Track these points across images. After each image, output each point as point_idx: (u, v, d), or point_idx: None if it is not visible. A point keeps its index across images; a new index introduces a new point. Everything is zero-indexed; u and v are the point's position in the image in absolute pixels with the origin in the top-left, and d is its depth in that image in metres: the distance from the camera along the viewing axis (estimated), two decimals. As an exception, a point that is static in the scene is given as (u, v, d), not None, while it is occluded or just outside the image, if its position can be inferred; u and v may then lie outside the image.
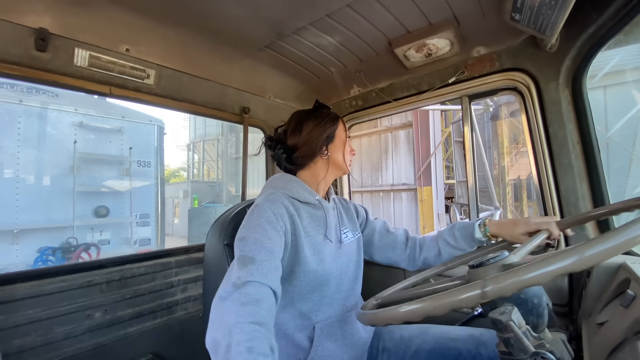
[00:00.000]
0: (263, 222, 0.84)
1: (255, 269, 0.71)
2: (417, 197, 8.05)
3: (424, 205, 7.85)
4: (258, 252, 0.76)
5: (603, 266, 0.86)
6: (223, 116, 1.65)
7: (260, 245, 0.78)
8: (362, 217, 1.20)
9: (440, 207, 7.95)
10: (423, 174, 7.94)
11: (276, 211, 0.88)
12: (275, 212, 0.87)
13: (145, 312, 1.40)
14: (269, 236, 0.80)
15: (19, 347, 1.08)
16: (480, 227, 1.00)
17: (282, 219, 0.87)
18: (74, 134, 4.91)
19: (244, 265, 0.72)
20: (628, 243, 0.42)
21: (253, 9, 1.09)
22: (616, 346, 0.58)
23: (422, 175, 7.94)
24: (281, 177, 1.04)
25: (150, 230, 5.79)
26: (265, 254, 0.76)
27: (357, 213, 1.19)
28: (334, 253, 0.98)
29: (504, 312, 0.57)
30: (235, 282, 0.68)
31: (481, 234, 0.99)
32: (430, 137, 7.92)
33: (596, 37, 1.03)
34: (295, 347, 0.91)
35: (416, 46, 1.28)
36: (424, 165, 7.90)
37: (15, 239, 4.37)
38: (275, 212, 0.87)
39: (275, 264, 0.76)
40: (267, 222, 0.84)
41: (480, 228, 1.00)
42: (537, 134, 1.17)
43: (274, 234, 0.82)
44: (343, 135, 1.09)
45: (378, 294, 0.87)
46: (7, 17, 0.99)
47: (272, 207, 0.88)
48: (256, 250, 0.77)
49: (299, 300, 0.92)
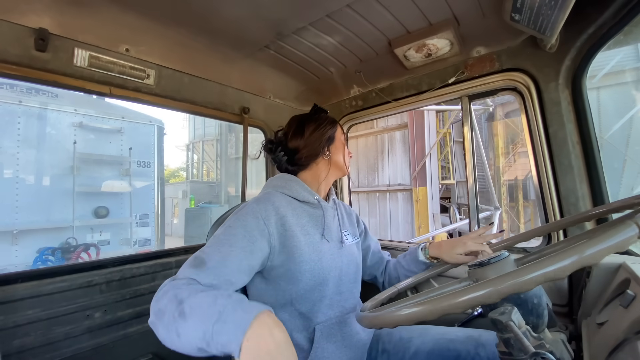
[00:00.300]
0: (237, 226, 0.83)
1: (202, 273, 0.71)
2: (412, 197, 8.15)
3: (419, 206, 7.96)
4: (211, 258, 0.75)
5: (603, 266, 0.86)
6: (223, 116, 1.65)
7: (217, 250, 0.76)
8: (362, 230, 1.23)
9: (435, 208, 8.05)
10: (418, 174, 8.04)
11: (259, 214, 0.87)
12: (257, 215, 0.86)
13: (145, 313, 1.40)
14: (231, 243, 0.79)
15: (19, 347, 1.08)
16: (422, 251, 1.11)
17: (265, 222, 0.86)
18: (73, 135, 4.91)
19: (193, 266, 0.73)
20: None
21: (253, 9, 1.09)
22: (616, 346, 0.58)
23: (418, 176, 8.05)
24: (281, 177, 1.05)
25: (150, 231, 5.79)
26: (218, 261, 0.74)
27: (358, 223, 1.23)
28: (334, 252, 0.98)
29: (504, 313, 0.57)
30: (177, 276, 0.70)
31: (423, 257, 1.10)
32: (425, 137, 8.04)
33: (596, 37, 1.03)
34: (295, 349, 0.91)
35: (416, 46, 1.28)
36: (419, 166, 8.00)
37: (15, 240, 4.37)
38: (257, 216, 0.86)
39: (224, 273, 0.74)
40: (242, 226, 0.83)
41: (422, 251, 1.11)
42: (537, 135, 1.17)
43: (241, 241, 0.80)
44: (342, 137, 1.13)
45: (377, 295, 0.87)
46: (7, 17, 0.99)
47: (256, 210, 0.88)
48: (212, 254, 0.76)
49: (298, 300, 0.92)
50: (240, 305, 0.57)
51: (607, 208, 0.82)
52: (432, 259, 1.10)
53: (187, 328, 0.57)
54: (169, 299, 0.62)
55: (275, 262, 0.89)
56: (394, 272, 1.18)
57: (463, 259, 1.03)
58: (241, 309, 0.56)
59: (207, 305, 0.58)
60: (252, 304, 0.59)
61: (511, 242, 1.01)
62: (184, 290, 0.63)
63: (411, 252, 1.15)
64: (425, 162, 7.92)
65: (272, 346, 0.52)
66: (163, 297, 0.64)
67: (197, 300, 0.60)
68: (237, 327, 0.53)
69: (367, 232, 1.25)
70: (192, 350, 0.58)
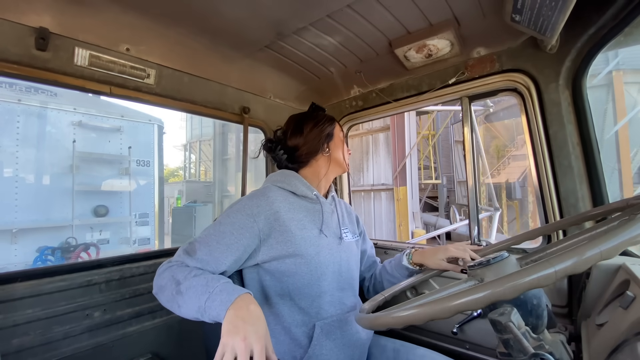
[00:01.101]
0: (226, 223, 0.89)
1: (192, 261, 0.84)
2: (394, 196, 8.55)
3: (399, 205, 8.38)
4: (200, 249, 0.86)
5: (602, 267, 0.86)
6: (223, 116, 1.65)
7: (206, 244, 0.87)
8: (361, 230, 1.24)
9: (415, 206, 8.54)
10: (399, 174, 8.44)
11: (249, 211, 0.91)
12: (246, 212, 0.91)
13: (145, 312, 1.40)
14: (218, 240, 0.87)
15: (18, 347, 1.08)
16: (406, 256, 1.13)
17: (255, 218, 0.90)
18: (73, 133, 4.89)
19: (186, 253, 0.87)
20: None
21: (253, 9, 1.09)
22: (616, 347, 0.58)
23: (399, 176, 8.45)
24: (281, 173, 1.07)
25: (149, 230, 5.77)
26: (205, 253, 0.85)
27: (358, 223, 1.24)
28: (332, 248, 0.99)
29: (504, 313, 0.57)
30: (172, 259, 0.86)
31: (407, 262, 1.12)
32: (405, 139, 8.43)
33: (596, 38, 1.03)
34: (294, 344, 0.92)
35: (416, 47, 1.28)
36: (400, 167, 8.37)
37: (15, 239, 4.36)
38: (247, 213, 0.91)
39: (209, 263, 0.85)
40: (230, 223, 0.89)
41: (406, 257, 1.13)
42: (537, 135, 1.17)
43: (228, 238, 0.88)
44: (341, 134, 1.14)
45: (376, 295, 0.87)
46: (7, 17, 0.99)
47: (247, 206, 0.92)
48: (202, 246, 0.86)
49: (297, 294, 0.93)
50: (226, 287, 0.73)
51: (607, 208, 0.82)
52: (415, 264, 1.11)
53: (185, 303, 0.75)
54: (167, 279, 0.80)
55: (269, 255, 0.92)
56: (379, 277, 1.21)
57: (446, 265, 1.05)
58: (226, 291, 0.72)
59: (199, 286, 0.75)
60: (236, 287, 0.74)
61: (511, 242, 1.01)
62: (180, 273, 0.80)
63: (396, 258, 1.17)
64: (406, 162, 8.26)
65: (247, 315, 0.68)
66: (163, 275, 0.83)
67: (192, 282, 0.76)
68: (222, 304, 0.69)
69: (365, 235, 1.26)
70: (190, 317, 0.76)
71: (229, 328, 0.65)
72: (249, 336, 0.64)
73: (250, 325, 0.65)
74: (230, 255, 0.87)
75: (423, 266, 1.10)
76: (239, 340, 0.63)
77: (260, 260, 0.93)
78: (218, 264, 0.85)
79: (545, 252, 0.85)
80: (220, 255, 0.86)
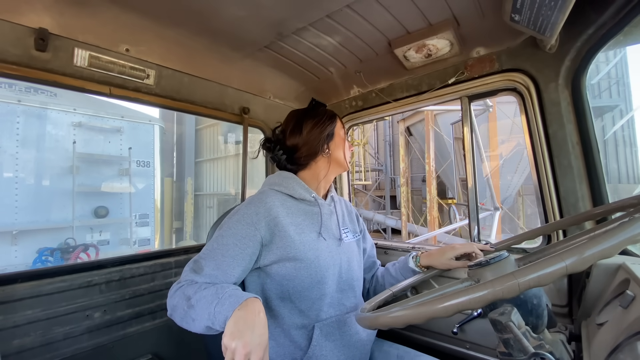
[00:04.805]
0: (228, 236, 0.89)
1: (200, 278, 0.84)
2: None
3: None
4: (207, 265, 0.86)
5: (602, 267, 0.86)
6: (223, 116, 1.65)
7: (212, 259, 0.87)
8: (362, 228, 1.23)
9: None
10: None
11: (249, 220, 0.90)
12: (247, 221, 0.90)
13: (145, 313, 1.40)
14: (223, 253, 0.87)
15: (19, 348, 1.08)
16: (413, 259, 1.12)
17: (256, 226, 0.90)
18: (73, 134, 4.88)
19: (193, 271, 0.86)
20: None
21: (253, 9, 1.09)
22: (616, 347, 0.58)
23: None
24: (279, 175, 1.05)
25: (149, 230, 5.77)
26: (213, 268, 0.85)
27: (358, 221, 1.22)
28: (332, 250, 0.98)
29: (504, 313, 0.57)
30: (180, 280, 0.86)
31: (414, 265, 1.11)
32: None
33: (596, 38, 1.03)
34: (293, 346, 0.92)
35: (416, 47, 1.28)
36: None
37: (15, 240, 4.35)
38: (247, 222, 0.90)
39: (218, 277, 0.85)
40: (232, 235, 0.89)
41: (413, 260, 1.12)
42: (537, 135, 1.17)
43: (232, 250, 0.87)
44: (342, 132, 1.11)
45: (376, 295, 0.87)
46: (7, 17, 0.99)
47: (246, 215, 0.91)
48: (208, 262, 0.86)
49: (297, 297, 0.92)
50: (235, 292, 0.75)
51: (607, 208, 0.82)
52: (423, 267, 1.10)
53: (197, 315, 0.75)
54: (179, 297, 0.81)
55: (269, 258, 0.91)
56: (381, 280, 1.19)
57: (456, 264, 1.04)
58: (235, 295, 0.73)
59: (209, 295, 0.75)
60: (244, 293, 0.75)
61: (511, 242, 1.01)
62: (190, 290, 0.80)
63: (401, 261, 1.16)
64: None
65: (253, 321, 0.68)
66: (174, 295, 0.83)
67: (202, 294, 0.77)
68: (231, 306, 0.70)
69: (366, 233, 1.25)
70: (203, 328, 0.76)
71: (232, 330, 0.65)
72: (251, 343, 0.64)
73: (254, 333, 0.66)
74: (237, 266, 0.87)
75: (430, 268, 1.09)
76: (240, 345, 0.63)
77: (261, 264, 0.93)
78: (227, 277, 0.86)
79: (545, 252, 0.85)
80: (227, 267, 0.86)
